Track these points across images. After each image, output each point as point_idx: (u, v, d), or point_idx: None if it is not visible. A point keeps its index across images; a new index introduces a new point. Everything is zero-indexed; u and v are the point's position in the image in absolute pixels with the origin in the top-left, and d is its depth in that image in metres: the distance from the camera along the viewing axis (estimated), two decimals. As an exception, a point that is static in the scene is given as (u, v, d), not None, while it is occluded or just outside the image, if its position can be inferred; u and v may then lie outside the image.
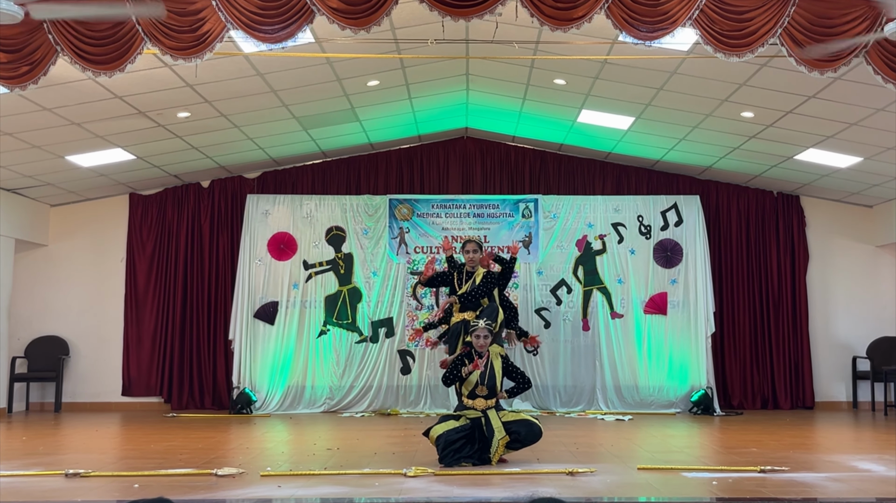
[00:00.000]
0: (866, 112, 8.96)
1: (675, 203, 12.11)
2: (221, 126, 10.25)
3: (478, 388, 6.79)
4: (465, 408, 6.81)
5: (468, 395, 6.83)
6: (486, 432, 6.65)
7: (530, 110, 10.99)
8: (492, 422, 6.66)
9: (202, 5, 6.36)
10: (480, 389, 6.81)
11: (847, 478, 6.15)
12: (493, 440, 6.61)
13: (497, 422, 6.67)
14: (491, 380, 6.81)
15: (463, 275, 8.63)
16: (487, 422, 6.68)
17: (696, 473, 6.32)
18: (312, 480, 6.00)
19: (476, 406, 6.80)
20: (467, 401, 6.84)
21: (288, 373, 11.64)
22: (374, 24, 6.29)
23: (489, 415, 6.73)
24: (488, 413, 6.74)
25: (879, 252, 12.47)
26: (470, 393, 6.81)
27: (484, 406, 6.79)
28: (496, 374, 6.83)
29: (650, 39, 6.46)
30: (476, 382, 6.78)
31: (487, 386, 6.81)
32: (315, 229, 12.00)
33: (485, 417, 6.72)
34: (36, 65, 6.46)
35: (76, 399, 12.00)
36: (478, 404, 6.80)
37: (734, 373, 12.21)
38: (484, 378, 6.79)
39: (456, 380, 6.90)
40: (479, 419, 6.73)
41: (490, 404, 6.81)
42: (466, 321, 7.73)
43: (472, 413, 6.75)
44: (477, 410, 6.78)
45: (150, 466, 6.56)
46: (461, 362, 6.88)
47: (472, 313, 8.01)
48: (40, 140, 9.62)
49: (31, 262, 12.18)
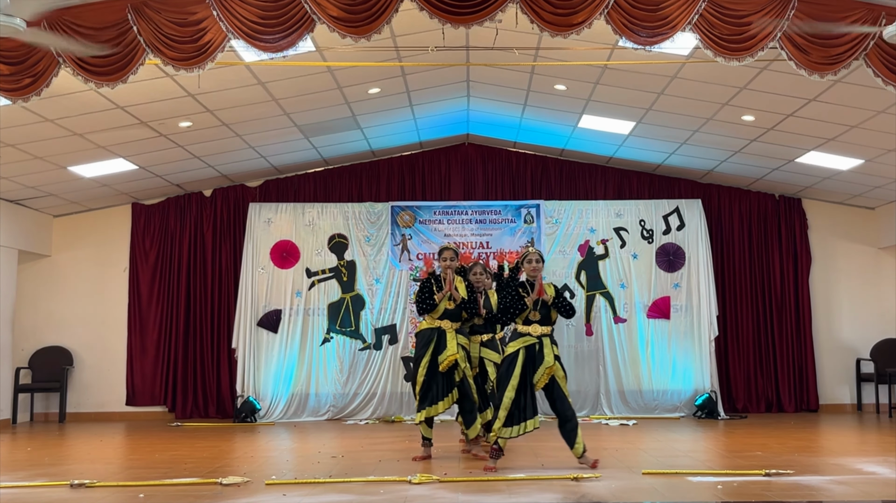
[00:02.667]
0: (867, 114, 8.97)
1: (678, 207, 12.12)
2: (223, 135, 10.27)
3: (531, 314, 6.90)
4: (520, 335, 6.90)
5: (523, 322, 6.91)
6: (536, 359, 6.79)
7: (531, 116, 11.00)
8: (544, 350, 6.81)
9: (203, 15, 6.39)
10: (533, 315, 6.91)
11: (852, 480, 6.14)
12: (541, 368, 6.76)
13: (549, 350, 6.81)
14: (544, 307, 6.90)
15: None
16: (541, 348, 6.82)
17: (701, 478, 6.31)
18: (317, 488, 6.00)
19: (532, 332, 6.87)
20: (522, 327, 6.90)
21: (292, 381, 11.64)
22: (375, 31, 6.31)
23: (543, 341, 6.86)
24: (543, 339, 6.87)
25: (882, 254, 12.47)
26: (524, 320, 6.90)
27: (539, 332, 6.88)
28: (547, 300, 6.91)
29: (650, 44, 6.48)
30: (529, 308, 6.90)
31: (541, 312, 6.90)
32: (317, 237, 12.02)
33: (539, 343, 6.85)
34: (38, 76, 6.49)
35: (80, 409, 12.00)
36: (533, 330, 6.88)
37: (738, 377, 12.20)
38: (537, 304, 6.89)
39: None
40: (534, 345, 6.84)
41: (545, 331, 6.90)
42: (441, 330, 7.66)
43: (529, 339, 6.85)
44: (533, 336, 6.86)
45: (155, 476, 6.56)
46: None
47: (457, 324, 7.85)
48: (43, 151, 9.64)
49: (34, 273, 12.20)
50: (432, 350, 7.43)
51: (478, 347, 7.88)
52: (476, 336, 7.93)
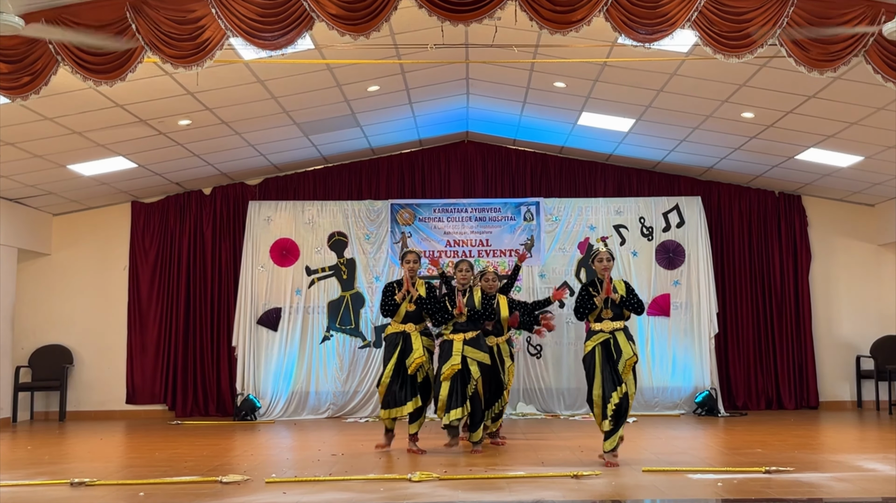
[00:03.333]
0: (867, 111, 8.96)
1: (677, 204, 12.11)
2: (222, 133, 10.27)
3: (603, 312, 7.15)
4: (594, 332, 7.15)
5: (595, 320, 7.17)
6: (614, 353, 7.00)
7: (531, 114, 11.00)
8: (619, 344, 7.01)
9: (202, 13, 6.38)
10: (606, 313, 7.14)
11: (852, 477, 6.15)
12: (621, 360, 6.95)
13: (625, 343, 7.02)
14: (615, 306, 7.13)
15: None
16: (616, 343, 7.02)
17: (701, 475, 6.32)
18: (317, 486, 6.01)
19: (604, 328, 7.11)
20: (595, 325, 7.18)
21: (292, 379, 11.64)
22: (374, 29, 6.31)
23: (617, 336, 7.06)
24: (616, 334, 7.07)
25: (882, 251, 12.46)
26: (596, 317, 7.18)
27: (611, 328, 7.10)
28: (616, 299, 7.14)
29: (649, 41, 6.47)
30: (599, 307, 7.15)
31: (612, 309, 7.12)
32: (317, 235, 12.01)
33: (613, 338, 7.06)
34: (37, 75, 6.49)
35: (80, 408, 12.00)
36: (605, 326, 7.11)
37: (738, 374, 12.20)
38: (608, 302, 7.12)
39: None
40: (608, 341, 7.06)
41: (617, 325, 7.11)
42: (406, 333, 7.87)
43: (602, 335, 7.08)
44: (605, 332, 7.09)
45: (156, 474, 6.57)
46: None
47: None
48: (42, 149, 9.63)
49: (34, 272, 12.20)
50: (398, 353, 7.69)
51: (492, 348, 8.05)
52: (491, 337, 8.04)
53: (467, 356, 7.67)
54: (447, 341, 7.80)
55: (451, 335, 7.79)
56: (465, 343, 7.71)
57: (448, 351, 7.71)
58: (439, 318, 7.79)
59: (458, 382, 7.61)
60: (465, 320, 7.77)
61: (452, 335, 7.77)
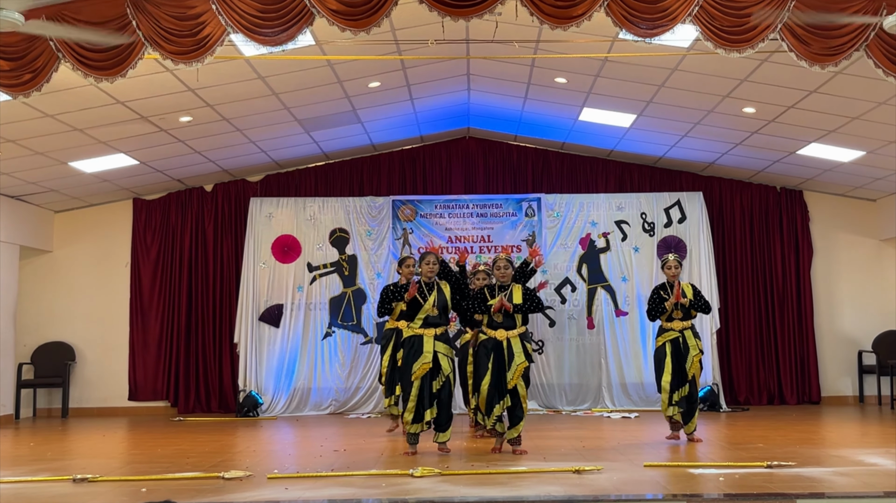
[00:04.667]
0: (868, 106, 8.95)
1: (679, 200, 12.10)
2: (223, 130, 10.27)
3: (674, 313, 8.05)
4: (666, 330, 8.08)
5: (666, 320, 8.06)
6: (682, 349, 7.87)
7: (532, 109, 10.99)
8: (688, 342, 7.90)
9: (202, 9, 6.38)
10: (676, 313, 7.97)
11: (854, 472, 6.14)
12: (689, 355, 7.87)
13: (692, 341, 7.93)
14: (684, 308, 8.03)
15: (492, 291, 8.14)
16: (684, 340, 7.89)
17: (702, 469, 6.32)
18: (319, 482, 6.01)
19: (674, 327, 8.00)
20: (666, 324, 8.06)
21: (294, 375, 11.66)
22: (374, 25, 6.30)
23: (685, 334, 7.95)
24: (685, 332, 7.97)
25: (883, 246, 12.46)
26: (667, 317, 8.10)
27: (680, 327, 8.00)
28: (685, 303, 8.06)
29: (650, 36, 6.47)
30: (668, 310, 8.07)
31: (682, 310, 8.00)
32: (319, 231, 12.02)
33: (682, 336, 7.94)
34: (38, 72, 6.49)
35: (83, 404, 12.02)
36: (675, 325, 8.01)
37: (740, 369, 12.20)
38: (677, 305, 8.01)
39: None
40: (677, 339, 7.93)
41: (686, 325, 8.02)
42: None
43: (672, 334, 8.03)
44: (675, 331, 7.97)
45: (158, 470, 6.57)
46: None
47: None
48: (43, 146, 9.64)
49: (35, 269, 12.21)
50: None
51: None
52: (501, 331, 7.56)
53: (437, 352, 7.29)
54: (416, 336, 7.35)
55: (420, 329, 7.34)
56: (435, 338, 7.33)
57: (419, 348, 7.30)
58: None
59: (428, 380, 7.27)
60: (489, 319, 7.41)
61: (422, 330, 7.33)
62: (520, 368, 7.29)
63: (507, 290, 7.46)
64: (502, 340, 7.37)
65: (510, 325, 7.40)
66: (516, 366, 7.29)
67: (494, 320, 7.42)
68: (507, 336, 7.37)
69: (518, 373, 7.29)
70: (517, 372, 7.28)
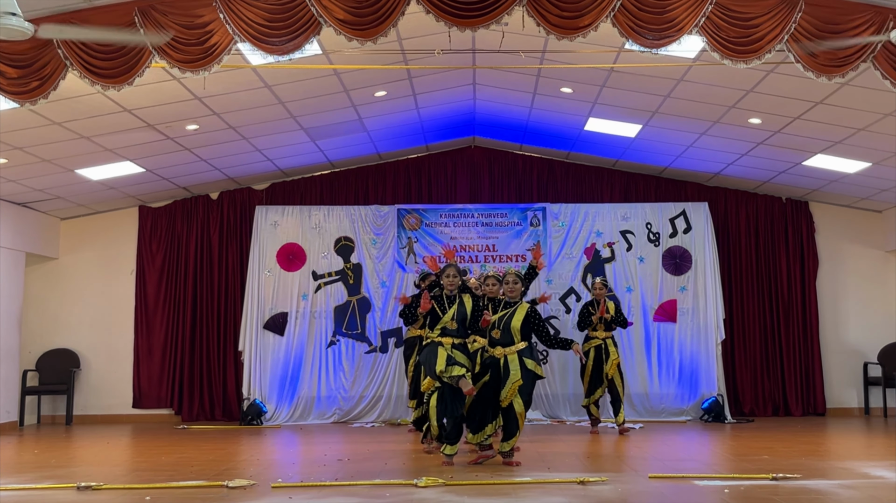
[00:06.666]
0: (874, 117, 8.94)
1: (684, 210, 12.09)
2: (230, 138, 10.29)
3: (598, 325, 9.48)
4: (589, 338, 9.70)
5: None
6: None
7: (538, 119, 11.00)
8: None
9: (209, 18, 6.40)
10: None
11: (860, 485, 6.12)
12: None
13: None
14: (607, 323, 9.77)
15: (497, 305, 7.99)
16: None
17: (707, 481, 6.29)
18: (323, 491, 6.00)
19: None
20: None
21: (298, 383, 11.64)
22: (381, 35, 6.32)
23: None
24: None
25: (889, 257, 12.43)
26: (593, 328, 9.84)
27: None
28: (607, 318, 9.82)
29: (657, 47, 6.47)
30: (594, 323, 9.48)
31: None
32: (324, 240, 12.02)
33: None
34: (46, 80, 6.51)
35: (87, 411, 12.02)
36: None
37: (745, 381, 12.16)
38: (601, 320, 9.43)
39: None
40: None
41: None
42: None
43: (595, 341, 9.55)
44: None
45: (162, 478, 6.57)
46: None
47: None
48: (50, 154, 9.67)
49: (41, 276, 12.23)
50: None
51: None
52: (499, 348, 7.59)
53: (453, 357, 7.22)
54: (433, 343, 7.35)
55: (439, 338, 7.34)
56: (455, 347, 7.29)
57: (433, 352, 7.28)
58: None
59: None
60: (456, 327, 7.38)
61: (441, 338, 7.33)
62: (514, 386, 7.19)
63: (513, 308, 7.41)
64: (499, 358, 7.29)
65: (507, 342, 7.31)
66: (511, 384, 7.19)
67: (493, 337, 7.37)
68: (504, 353, 7.29)
69: (512, 391, 7.18)
70: (511, 390, 7.18)
